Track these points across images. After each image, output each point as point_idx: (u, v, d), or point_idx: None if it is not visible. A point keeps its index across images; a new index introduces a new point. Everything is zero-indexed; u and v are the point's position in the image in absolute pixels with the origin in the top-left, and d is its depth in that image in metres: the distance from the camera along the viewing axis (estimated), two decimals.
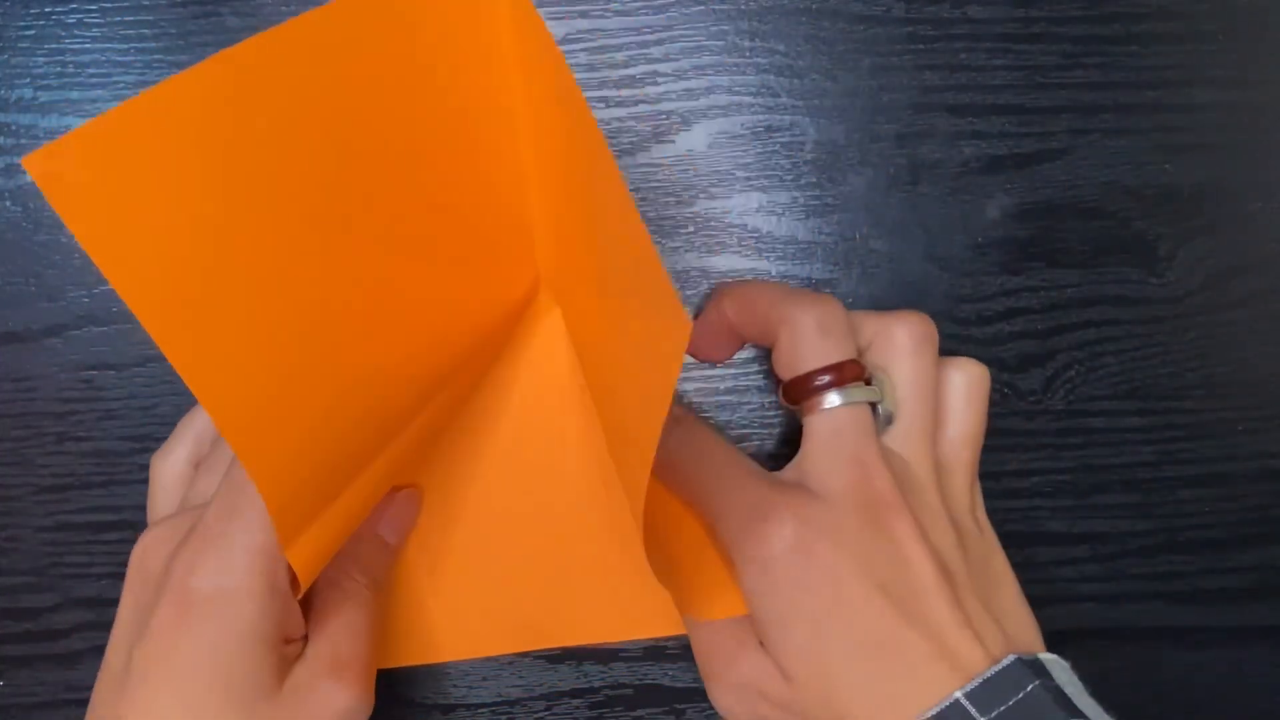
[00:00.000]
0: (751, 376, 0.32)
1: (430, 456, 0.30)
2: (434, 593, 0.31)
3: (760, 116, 0.32)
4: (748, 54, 0.32)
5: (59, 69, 0.31)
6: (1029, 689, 0.23)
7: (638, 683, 0.32)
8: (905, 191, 0.32)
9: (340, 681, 0.25)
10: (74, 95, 0.31)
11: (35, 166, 0.16)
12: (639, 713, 0.32)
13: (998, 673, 0.23)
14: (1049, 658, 0.24)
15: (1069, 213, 0.32)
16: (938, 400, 0.27)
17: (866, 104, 0.32)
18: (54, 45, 0.31)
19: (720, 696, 0.26)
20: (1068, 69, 0.32)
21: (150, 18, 0.31)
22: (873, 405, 0.26)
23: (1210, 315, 0.33)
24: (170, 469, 0.29)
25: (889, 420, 0.26)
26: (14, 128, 0.31)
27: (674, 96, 0.32)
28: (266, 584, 0.23)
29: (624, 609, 0.31)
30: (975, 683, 0.23)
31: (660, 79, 0.32)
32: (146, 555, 0.25)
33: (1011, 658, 0.23)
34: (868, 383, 0.26)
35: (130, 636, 0.24)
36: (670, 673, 0.32)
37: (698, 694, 0.32)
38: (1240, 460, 0.33)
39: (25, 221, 0.31)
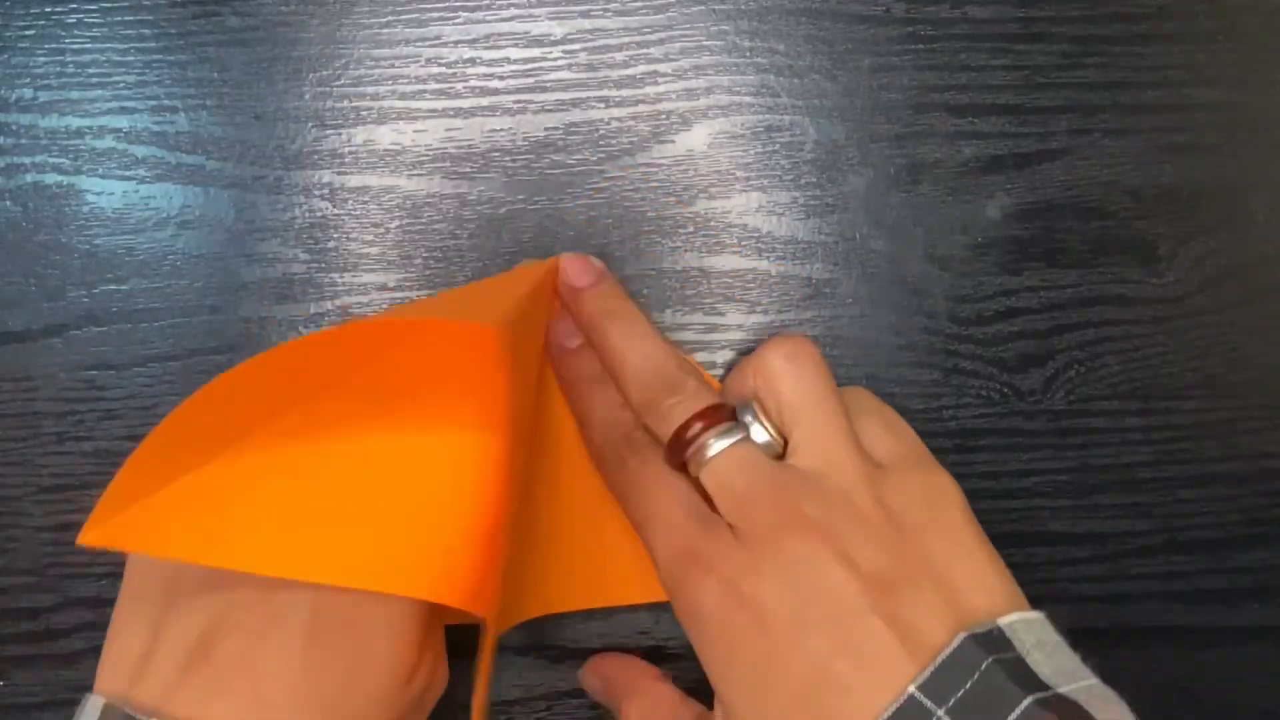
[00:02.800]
0: None
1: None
2: None
3: (760, 116, 0.32)
4: (748, 54, 0.32)
5: (59, 69, 0.31)
6: (983, 668, 0.22)
7: None
8: (905, 191, 0.32)
9: None
10: (74, 95, 0.31)
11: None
12: None
13: (949, 656, 0.22)
14: (1011, 620, 0.23)
15: (1069, 213, 0.32)
16: (841, 402, 0.27)
17: (866, 104, 0.32)
18: (54, 45, 0.31)
19: None
20: (1068, 69, 0.32)
21: (150, 18, 0.31)
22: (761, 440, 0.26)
23: (1210, 315, 0.33)
24: None
25: (778, 446, 0.26)
26: (14, 128, 0.31)
27: (674, 96, 0.32)
28: None
29: (613, 574, 0.31)
30: (927, 672, 0.22)
31: (660, 79, 0.32)
32: None
33: (961, 637, 0.22)
34: (735, 419, 0.27)
35: None
36: (671, 673, 0.32)
37: (698, 694, 0.32)
38: (1240, 460, 0.33)
39: (25, 221, 0.31)
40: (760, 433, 0.26)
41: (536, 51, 0.32)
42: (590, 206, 0.32)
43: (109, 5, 0.31)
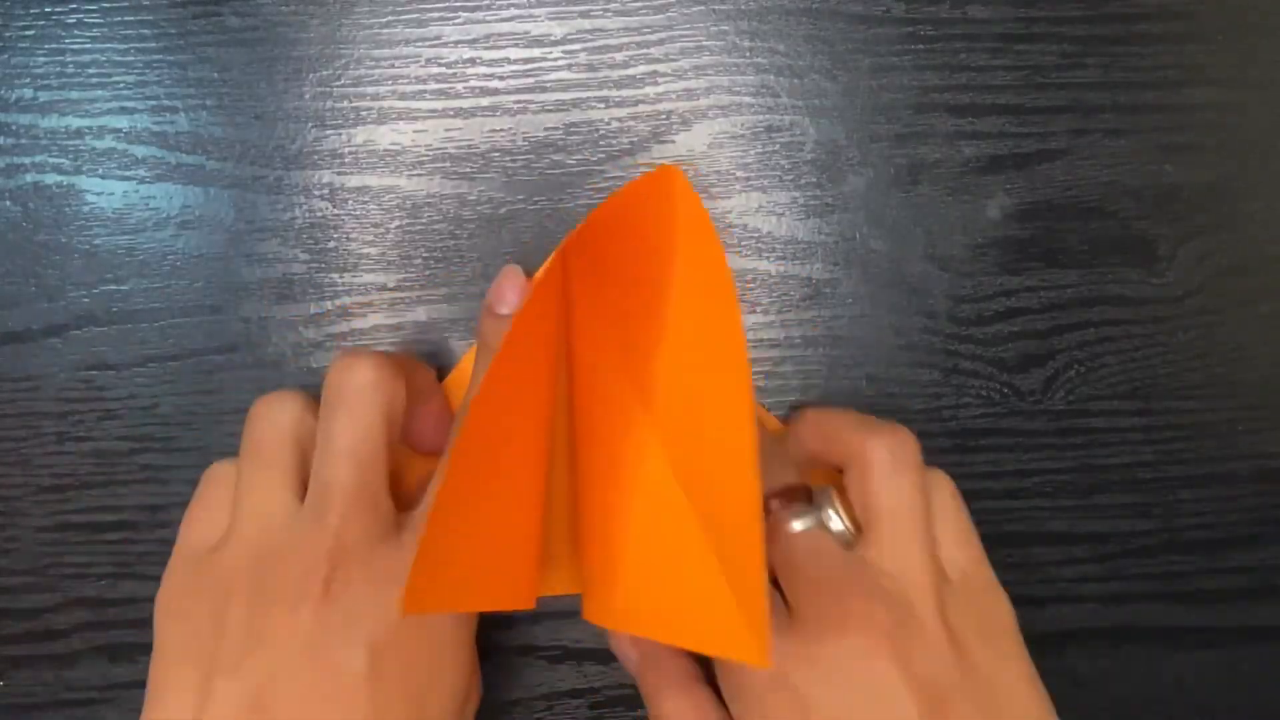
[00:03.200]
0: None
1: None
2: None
3: (760, 116, 0.32)
4: (748, 54, 0.32)
5: (59, 69, 0.31)
6: None
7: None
8: (905, 191, 0.32)
9: None
10: (74, 95, 0.31)
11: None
12: (639, 713, 0.32)
13: None
14: None
15: (1069, 213, 0.32)
16: (929, 510, 0.26)
17: (866, 104, 0.32)
18: (54, 45, 0.31)
19: None
20: (1068, 69, 0.32)
21: (150, 18, 0.31)
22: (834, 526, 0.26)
23: (1210, 315, 0.33)
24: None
25: (850, 536, 0.26)
26: (14, 128, 0.31)
27: (674, 96, 0.32)
28: None
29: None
30: None
31: (660, 79, 0.32)
32: None
33: None
34: (813, 501, 0.26)
35: None
36: None
37: None
38: (1240, 460, 0.33)
39: (25, 221, 0.31)
40: (836, 521, 0.26)
41: (536, 51, 0.32)
42: (590, 206, 0.32)
43: (109, 5, 0.31)
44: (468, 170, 0.32)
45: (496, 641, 0.32)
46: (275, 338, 0.32)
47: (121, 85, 0.31)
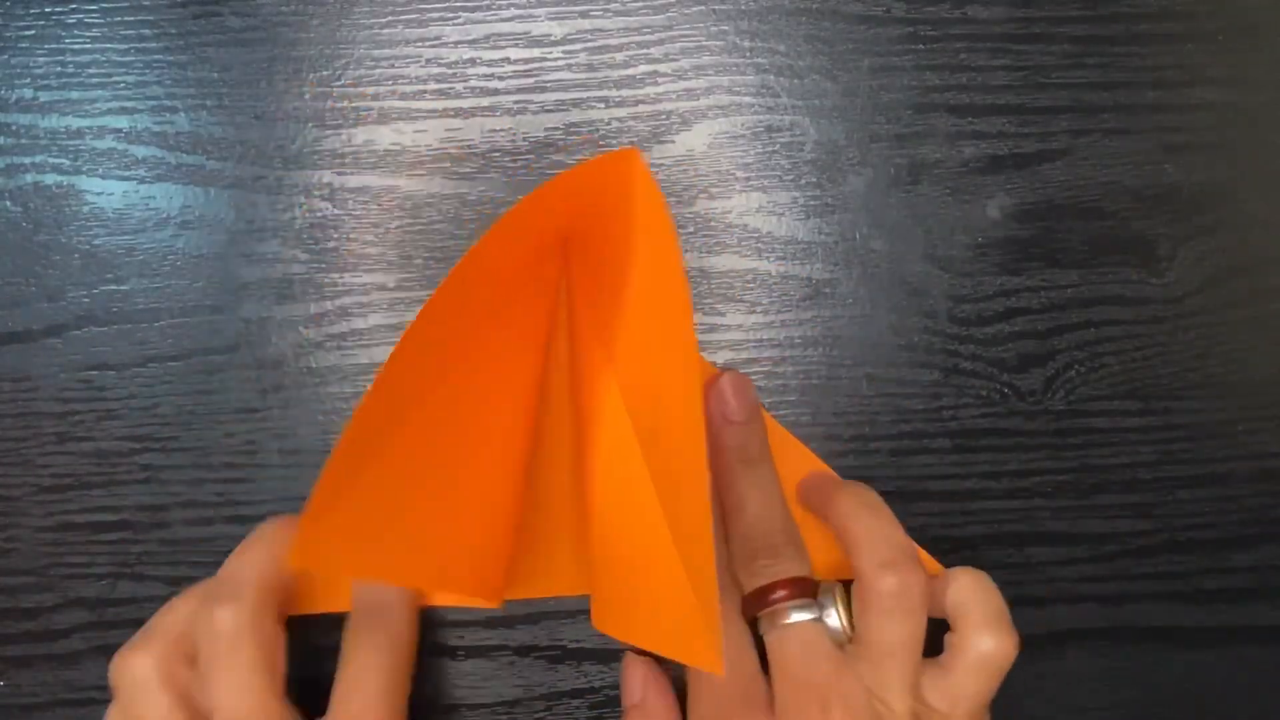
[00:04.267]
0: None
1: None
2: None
3: (760, 116, 0.32)
4: (748, 54, 0.32)
5: (59, 69, 0.31)
6: None
7: None
8: (905, 191, 0.32)
9: None
10: (74, 95, 0.31)
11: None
12: None
13: None
14: None
15: (1069, 213, 0.32)
16: (952, 649, 0.27)
17: (866, 104, 0.32)
18: (54, 45, 0.31)
19: None
20: (1068, 69, 0.32)
21: (150, 18, 0.31)
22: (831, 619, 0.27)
23: (1210, 315, 0.33)
24: (150, 668, 0.27)
25: (845, 637, 0.27)
26: (14, 128, 0.31)
27: (674, 96, 0.32)
28: None
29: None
30: None
31: (660, 79, 0.32)
32: None
33: None
34: (816, 597, 0.28)
35: None
36: (670, 673, 0.32)
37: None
38: (1240, 460, 0.33)
39: (25, 221, 0.31)
40: (834, 618, 0.28)
41: (536, 51, 0.32)
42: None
43: (109, 5, 0.31)
44: (468, 170, 0.32)
45: (497, 642, 0.32)
46: (275, 338, 0.32)
47: (121, 85, 0.31)
